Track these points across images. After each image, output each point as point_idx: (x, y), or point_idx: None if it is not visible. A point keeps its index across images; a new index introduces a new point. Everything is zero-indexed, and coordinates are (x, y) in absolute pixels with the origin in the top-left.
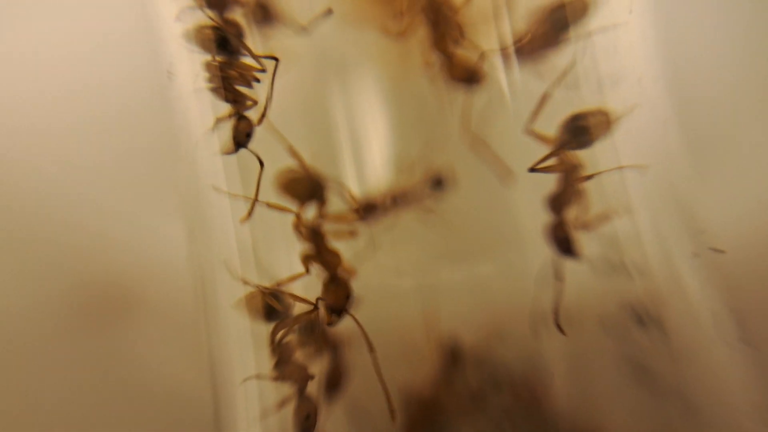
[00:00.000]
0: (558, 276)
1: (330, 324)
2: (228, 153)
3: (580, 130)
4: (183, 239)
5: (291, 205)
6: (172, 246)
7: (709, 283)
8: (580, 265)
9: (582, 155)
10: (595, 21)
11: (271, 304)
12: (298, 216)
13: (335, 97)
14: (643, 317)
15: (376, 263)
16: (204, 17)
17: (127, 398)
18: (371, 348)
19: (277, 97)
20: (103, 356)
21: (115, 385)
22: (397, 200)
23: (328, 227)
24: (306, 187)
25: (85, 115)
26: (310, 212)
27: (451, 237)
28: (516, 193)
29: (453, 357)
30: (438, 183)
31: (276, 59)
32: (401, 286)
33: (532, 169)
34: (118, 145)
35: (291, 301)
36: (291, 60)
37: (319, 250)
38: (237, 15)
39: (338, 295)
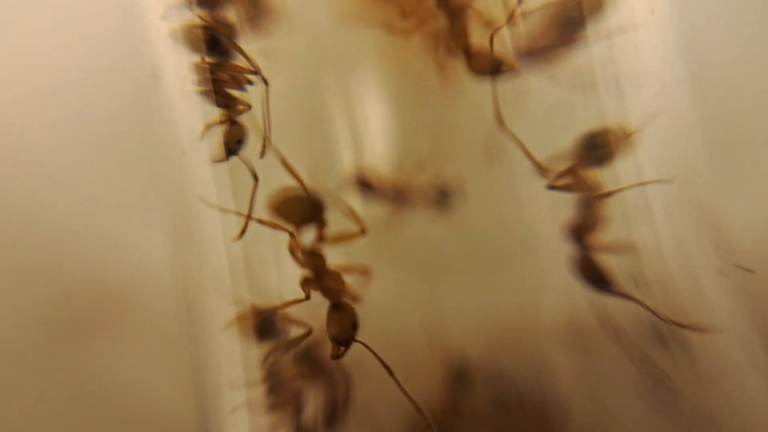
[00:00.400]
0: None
1: (337, 357)
2: (218, 161)
3: (598, 148)
4: (170, 252)
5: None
6: (159, 258)
7: (738, 304)
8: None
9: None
10: (613, 20)
11: (263, 326)
12: (293, 237)
13: (334, 100)
14: (666, 337)
15: (377, 277)
16: (193, 16)
17: (105, 423)
18: (390, 371)
19: (272, 100)
20: (83, 374)
21: (92, 407)
22: (398, 196)
23: (332, 258)
24: (303, 209)
25: (63, 121)
26: (308, 234)
27: (458, 248)
28: (526, 202)
29: (460, 375)
30: (444, 195)
31: (266, 83)
32: (404, 300)
33: (551, 187)
34: (100, 152)
35: (285, 322)
36: (287, 60)
37: (319, 275)
38: (229, 13)
39: (343, 324)
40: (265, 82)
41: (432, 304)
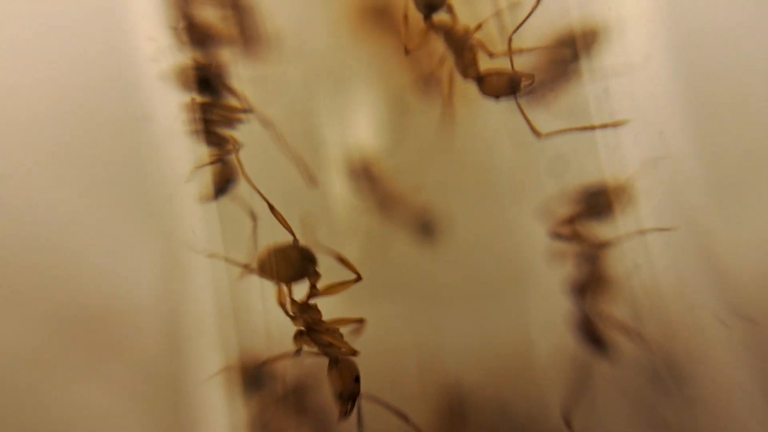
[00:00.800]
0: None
1: (345, 415)
2: (207, 200)
3: (596, 198)
4: (157, 295)
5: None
6: (146, 300)
7: (740, 354)
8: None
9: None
10: (609, 64)
11: (251, 379)
12: (281, 290)
13: (328, 129)
14: (668, 384)
15: (368, 314)
16: (183, 55)
17: None
18: (407, 419)
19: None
20: (62, 411)
21: None
22: (386, 203)
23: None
24: (292, 262)
25: (51, 160)
26: (300, 289)
27: (450, 281)
28: (519, 230)
29: (456, 408)
30: (426, 228)
31: (268, 124)
32: (397, 335)
33: (552, 235)
34: (87, 194)
35: (274, 375)
36: (281, 89)
37: (314, 330)
38: (220, 51)
39: (345, 379)
40: (267, 122)
41: (426, 338)
